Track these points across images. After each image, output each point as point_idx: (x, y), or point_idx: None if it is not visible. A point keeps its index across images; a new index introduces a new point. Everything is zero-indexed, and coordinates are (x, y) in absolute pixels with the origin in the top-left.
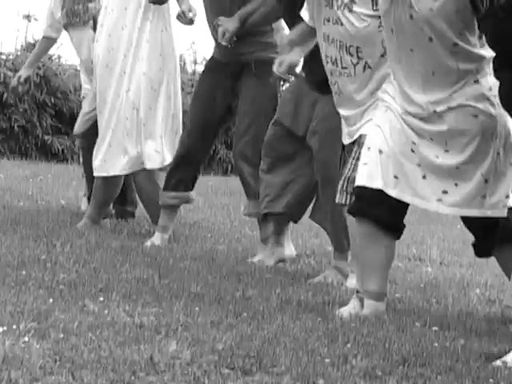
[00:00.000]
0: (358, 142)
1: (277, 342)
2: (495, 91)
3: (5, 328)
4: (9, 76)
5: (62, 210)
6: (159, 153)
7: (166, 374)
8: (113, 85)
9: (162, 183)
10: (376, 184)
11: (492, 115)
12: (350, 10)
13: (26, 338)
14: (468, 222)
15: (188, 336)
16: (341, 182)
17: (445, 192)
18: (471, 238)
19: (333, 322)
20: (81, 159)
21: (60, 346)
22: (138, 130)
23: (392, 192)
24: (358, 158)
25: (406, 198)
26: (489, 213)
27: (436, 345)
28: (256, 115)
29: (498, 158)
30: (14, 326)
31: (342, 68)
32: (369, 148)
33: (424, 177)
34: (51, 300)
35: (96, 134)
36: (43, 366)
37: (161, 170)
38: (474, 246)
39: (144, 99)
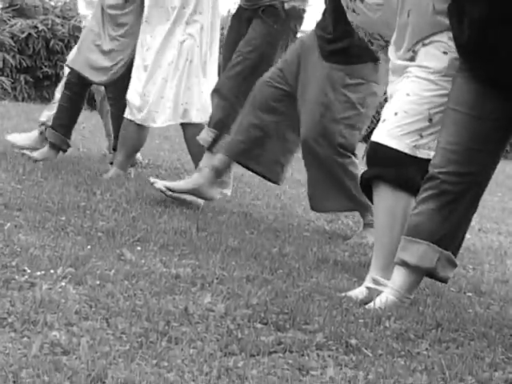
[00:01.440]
0: None
1: (311, 300)
2: None
3: (42, 272)
4: (56, 23)
5: (104, 158)
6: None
7: (200, 325)
8: (166, 36)
9: None
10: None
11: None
12: (362, 1)
13: (63, 283)
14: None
15: (223, 289)
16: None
17: (383, 120)
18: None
19: None
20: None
21: (96, 292)
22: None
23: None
24: None
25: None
26: (418, 154)
27: (470, 311)
28: (248, 54)
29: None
30: (52, 271)
31: (375, 51)
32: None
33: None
34: (89, 247)
35: (125, 84)
36: (78, 311)
37: None
38: (361, 176)
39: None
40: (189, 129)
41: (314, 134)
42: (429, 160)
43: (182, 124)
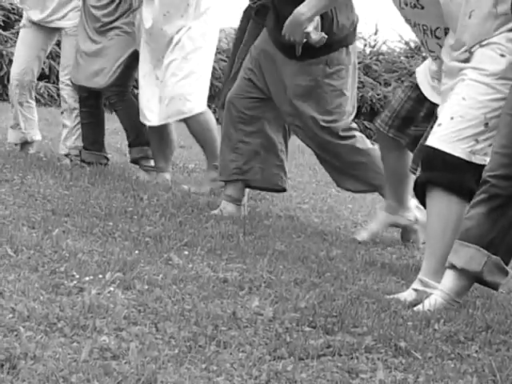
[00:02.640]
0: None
1: (359, 303)
2: None
3: (91, 277)
4: None
5: None
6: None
7: (248, 329)
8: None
9: None
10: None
11: None
12: None
13: (112, 288)
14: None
15: (271, 293)
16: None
17: (439, 125)
18: None
19: None
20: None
21: (144, 297)
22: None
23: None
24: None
25: None
26: (473, 159)
27: None
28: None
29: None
30: (100, 276)
31: (430, 51)
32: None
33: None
34: (137, 252)
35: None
36: (127, 316)
37: None
38: (415, 181)
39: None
40: (191, 121)
41: (314, 132)
42: (484, 166)
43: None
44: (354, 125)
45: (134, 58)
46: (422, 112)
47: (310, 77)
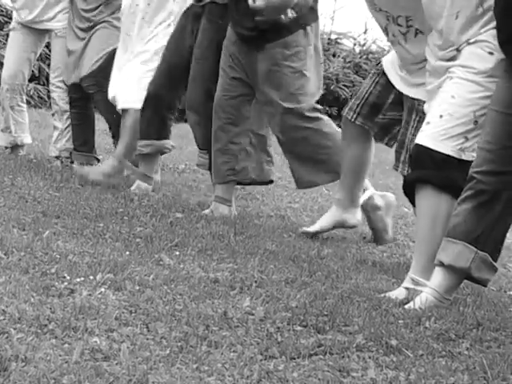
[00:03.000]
0: (417, 110)
1: (350, 302)
2: None
3: (82, 279)
4: None
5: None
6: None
7: (240, 329)
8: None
9: None
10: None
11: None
12: None
13: (103, 289)
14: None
15: (262, 293)
16: (403, 154)
17: (427, 123)
18: None
19: None
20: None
21: (135, 297)
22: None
23: None
24: (415, 128)
25: None
26: (463, 156)
27: (511, 309)
28: (202, 61)
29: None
30: (91, 277)
31: (393, 36)
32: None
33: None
34: (127, 252)
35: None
36: (118, 317)
37: None
38: (404, 179)
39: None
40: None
41: (281, 117)
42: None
43: None
44: (319, 106)
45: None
46: (390, 99)
47: (270, 61)
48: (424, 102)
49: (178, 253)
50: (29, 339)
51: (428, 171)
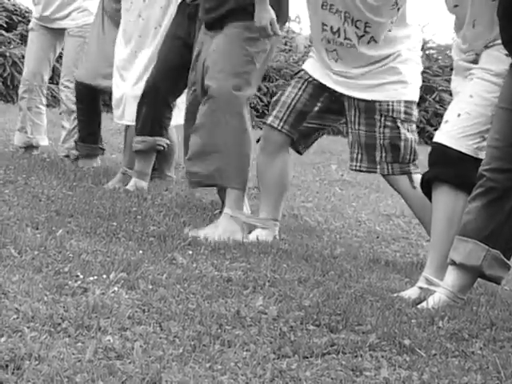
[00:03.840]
0: (380, 111)
1: (363, 301)
2: None
3: (95, 277)
4: None
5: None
6: None
7: (253, 328)
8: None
9: None
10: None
11: None
12: None
13: (116, 288)
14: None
15: (275, 292)
16: (378, 154)
17: (446, 122)
18: None
19: None
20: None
21: (148, 296)
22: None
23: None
24: (385, 126)
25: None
26: (480, 155)
27: None
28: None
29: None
30: (104, 276)
31: (345, 39)
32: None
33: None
34: (141, 251)
35: None
36: (131, 316)
37: None
38: (422, 176)
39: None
40: None
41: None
42: None
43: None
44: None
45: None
46: (317, 107)
47: (227, 38)
48: (386, 102)
49: (191, 252)
50: (42, 338)
51: (445, 169)
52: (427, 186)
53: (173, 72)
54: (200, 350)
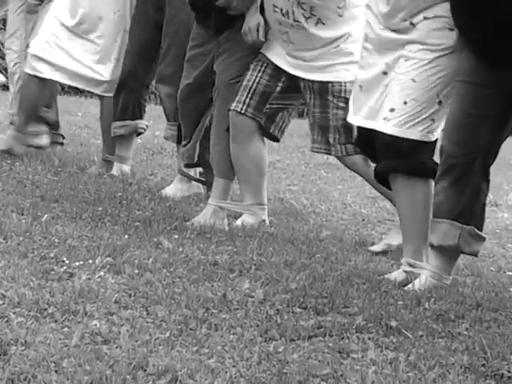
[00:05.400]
0: (332, 92)
1: (350, 284)
2: None
3: (81, 262)
4: None
5: (138, 146)
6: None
7: (239, 311)
8: None
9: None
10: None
11: None
12: None
13: (102, 273)
14: (377, 143)
15: (261, 275)
16: (331, 135)
17: (392, 110)
18: None
19: None
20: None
21: (135, 281)
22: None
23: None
24: (338, 107)
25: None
26: (431, 137)
27: (510, 290)
28: (175, 34)
29: (445, 77)
30: (90, 261)
31: (295, 21)
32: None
33: (382, 93)
34: (126, 236)
35: None
36: (118, 301)
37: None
38: (375, 169)
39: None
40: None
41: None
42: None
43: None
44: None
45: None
46: (278, 88)
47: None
48: (338, 83)
49: (176, 236)
50: (28, 323)
51: (395, 160)
52: (383, 178)
53: (147, 54)
54: (187, 334)
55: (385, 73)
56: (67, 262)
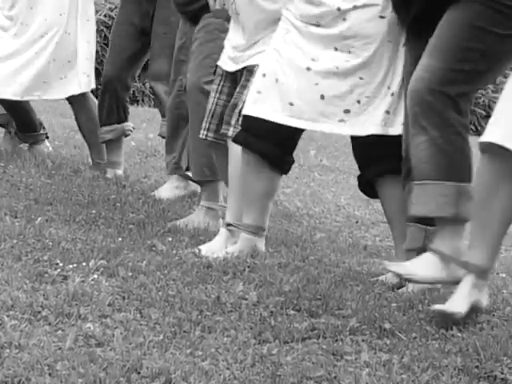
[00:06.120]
0: (249, 71)
1: (343, 286)
2: None
3: (75, 265)
4: None
5: (132, 149)
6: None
7: (233, 314)
8: None
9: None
10: (268, 116)
11: None
12: None
13: (95, 276)
14: (359, 146)
15: (255, 277)
16: (234, 117)
17: (347, 111)
18: None
19: None
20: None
21: (128, 284)
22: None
23: (287, 120)
24: (245, 87)
25: (304, 125)
26: (391, 130)
27: (504, 291)
28: (171, 35)
29: (392, 69)
30: (84, 264)
31: (236, 14)
32: (264, 75)
33: (322, 97)
34: (120, 239)
35: None
36: (112, 303)
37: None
38: (359, 178)
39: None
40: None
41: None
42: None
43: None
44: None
45: None
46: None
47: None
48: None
49: (170, 238)
50: (22, 326)
51: (381, 165)
52: (369, 186)
53: (130, 59)
54: (180, 337)
55: (309, 68)
56: (61, 264)
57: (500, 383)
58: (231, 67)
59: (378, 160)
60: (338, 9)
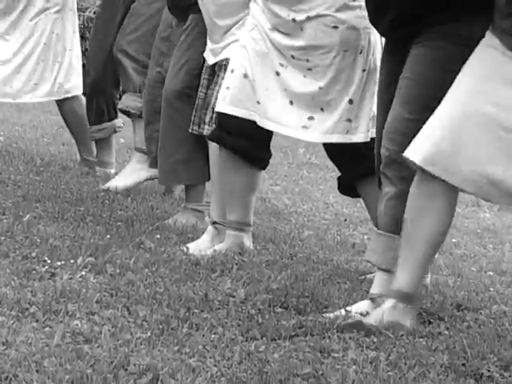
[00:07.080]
0: (220, 66)
1: (331, 283)
2: (361, 2)
3: (63, 262)
4: None
5: (121, 146)
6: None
7: (221, 311)
8: None
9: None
10: (237, 112)
11: (355, 27)
12: None
13: (83, 273)
14: (331, 151)
15: (243, 275)
16: (209, 114)
17: (311, 118)
18: None
19: None
20: None
21: (116, 281)
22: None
23: (254, 117)
24: (216, 83)
25: (269, 126)
26: (354, 138)
27: (491, 289)
28: (146, 17)
29: (363, 77)
30: (72, 261)
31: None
32: (232, 71)
33: (291, 102)
34: (108, 236)
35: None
36: (99, 300)
37: None
38: (339, 180)
39: None
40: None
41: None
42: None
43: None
44: None
45: None
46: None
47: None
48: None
49: (158, 236)
50: (10, 323)
51: (360, 168)
52: (349, 188)
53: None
54: (168, 334)
55: (278, 73)
56: (49, 261)
57: (486, 381)
58: (211, 59)
59: (352, 164)
60: (293, 20)
